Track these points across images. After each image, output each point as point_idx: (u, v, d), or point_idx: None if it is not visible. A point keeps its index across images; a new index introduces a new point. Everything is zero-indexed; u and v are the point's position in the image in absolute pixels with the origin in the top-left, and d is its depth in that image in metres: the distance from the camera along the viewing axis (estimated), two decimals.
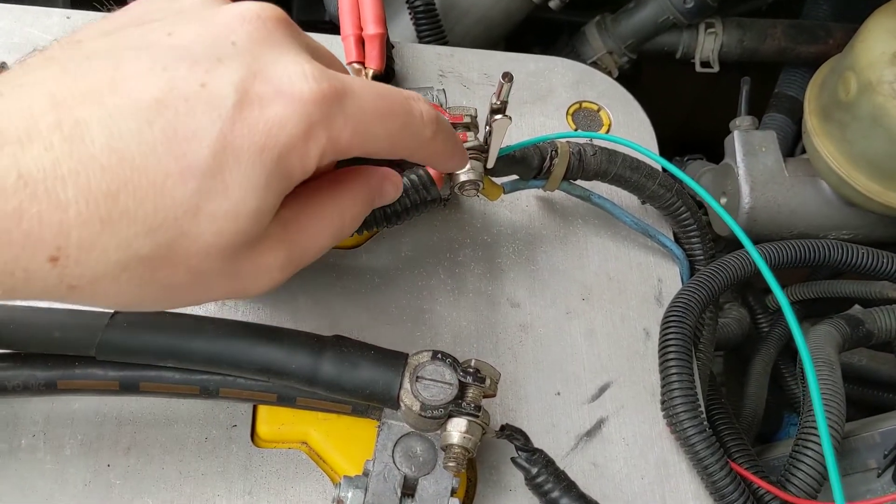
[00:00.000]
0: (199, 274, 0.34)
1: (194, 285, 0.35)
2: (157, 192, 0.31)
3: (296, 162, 0.34)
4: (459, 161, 0.44)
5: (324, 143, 0.35)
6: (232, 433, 0.46)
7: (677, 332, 0.50)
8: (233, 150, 0.32)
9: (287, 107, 0.33)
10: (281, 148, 0.33)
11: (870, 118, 0.63)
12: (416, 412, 0.40)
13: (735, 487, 0.47)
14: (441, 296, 0.52)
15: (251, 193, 0.33)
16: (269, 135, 0.33)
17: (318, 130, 0.34)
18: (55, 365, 0.42)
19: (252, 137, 0.33)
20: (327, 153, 0.35)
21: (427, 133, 0.39)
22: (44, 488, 0.43)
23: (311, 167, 0.35)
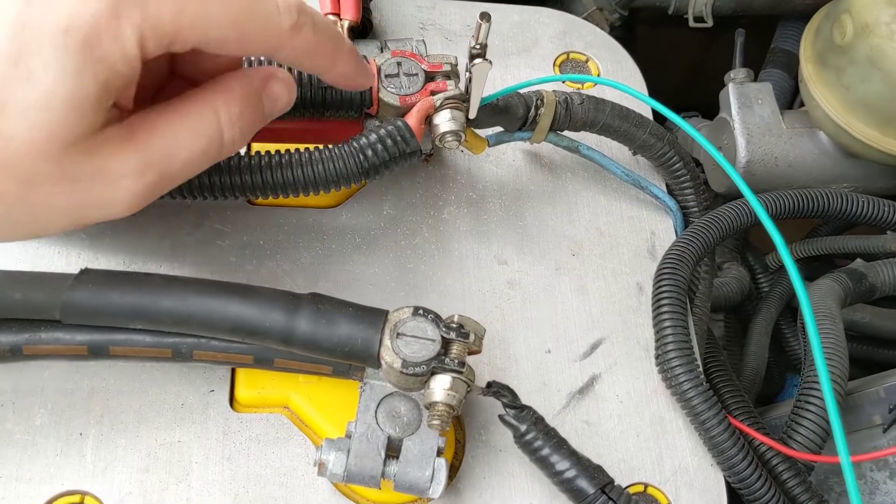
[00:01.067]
0: (29, 182, 0.32)
1: (29, 197, 0.32)
2: None
3: (110, 44, 0.31)
4: (345, 67, 0.40)
5: (139, 21, 0.32)
6: (209, 398, 0.44)
7: (671, 284, 0.48)
8: (33, 33, 0.30)
9: None
10: (87, 28, 0.31)
11: (867, 61, 0.61)
12: (398, 370, 0.38)
13: (734, 443, 0.45)
14: (425, 254, 0.50)
15: (61, 79, 0.31)
16: (71, 14, 0.30)
17: (129, 7, 0.31)
18: (20, 329, 0.40)
19: (52, 18, 0.30)
20: (149, 35, 0.32)
21: (284, 22, 0.36)
22: (13, 458, 0.41)
23: (133, 51, 0.32)
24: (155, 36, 0.32)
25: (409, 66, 0.47)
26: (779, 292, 0.78)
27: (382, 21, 0.58)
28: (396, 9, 0.60)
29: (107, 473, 0.41)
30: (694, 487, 0.46)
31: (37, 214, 0.34)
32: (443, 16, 0.60)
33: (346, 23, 0.52)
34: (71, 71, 0.31)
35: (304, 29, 0.36)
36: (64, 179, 0.33)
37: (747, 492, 0.45)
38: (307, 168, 0.44)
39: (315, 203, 0.50)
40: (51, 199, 0.33)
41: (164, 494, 0.41)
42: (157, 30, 0.32)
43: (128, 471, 0.42)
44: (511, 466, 0.45)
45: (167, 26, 0.32)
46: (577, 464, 0.41)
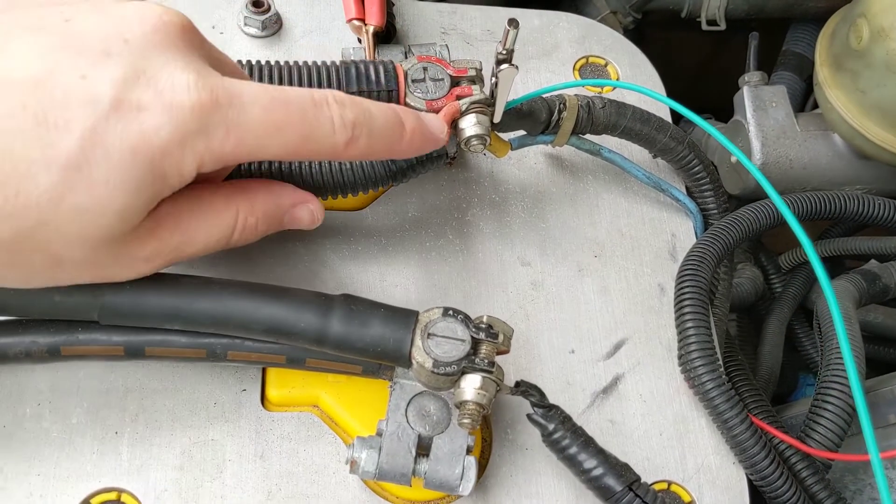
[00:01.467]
0: (60, 261, 0.34)
1: (55, 269, 0.35)
2: (20, 178, 0.31)
3: (171, 168, 0.34)
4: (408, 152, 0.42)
5: (201, 152, 0.34)
6: (241, 397, 0.45)
7: (693, 285, 0.49)
8: (103, 147, 0.32)
9: (163, 113, 0.33)
10: (154, 153, 0.33)
11: (883, 65, 0.61)
12: (429, 369, 0.39)
13: (756, 441, 0.46)
14: (450, 256, 0.51)
15: (119, 192, 0.33)
16: (143, 138, 0.33)
17: (195, 140, 0.34)
18: (58, 331, 0.41)
19: (124, 137, 0.32)
20: (207, 162, 0.35)
21: (339, 140, 0.38)
22: (51, 457, 0.42)
23: (190, 174, 0.35)
24: (212, 163, 0.35)
25: (434, 71, 0.47)
26: (792, 293, 0.78)
27: (405, 26, 0.59)
28: (418, 14, 0.60)
29: (143, 471, 0.42)
30: (717, 485, 0.46)
31: (54, 280, 0.36)
32: (464, 20, 0.61)
33: (372, 28, 0.53)
34: (129, 187, 0.33)
35: (358, 141, 0.38)
36: (90, 264, 0.35)
37: (769, 489, 0.46)
38: (338, 172, 0.44)
39: (341, 206, 0.51)
40: (71, 275, 0.36)
41: (199, 492, 0.42)
42: (215, 158, 0.35)
43: (163, 468, 0.42)
44: (537, 465, 0.45)
45: (227, 157, 0.35)
46: (604, 462, 0.42)
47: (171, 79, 0.34)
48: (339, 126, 0.37)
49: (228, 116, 0.34)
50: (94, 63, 0.33)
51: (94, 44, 0.33)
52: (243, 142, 0.35)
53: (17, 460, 0.41)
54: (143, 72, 0.33)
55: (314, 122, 0.37)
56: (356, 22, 0.53)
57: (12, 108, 0.31)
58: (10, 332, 0.40)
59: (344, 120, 0.38)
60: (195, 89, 0.34)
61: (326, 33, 0.59)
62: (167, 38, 0.35)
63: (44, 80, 0.32)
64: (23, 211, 0.31)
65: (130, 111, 0.32)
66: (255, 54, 0.55)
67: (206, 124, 0.34)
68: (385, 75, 0.46)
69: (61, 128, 0.31)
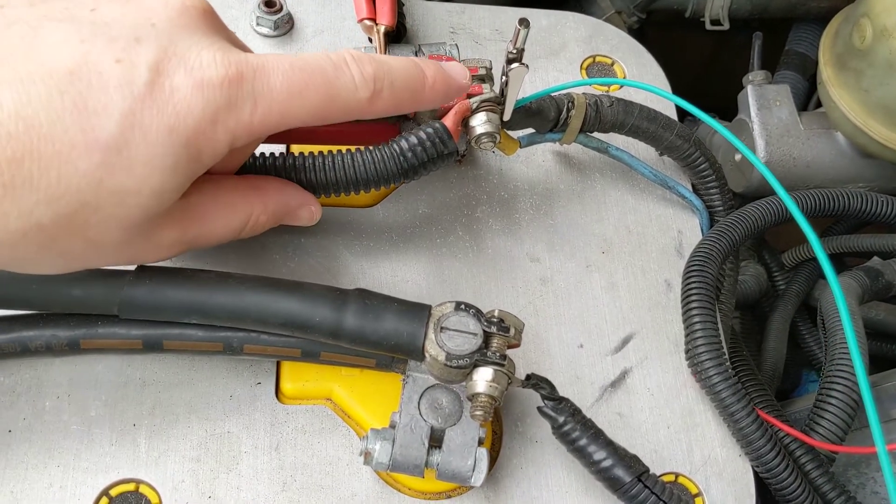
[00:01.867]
0: (96, 244, 0.35)
1: (90, 253, 0.36)
2: (61, 162, 0.32)
3: (205, 145, 0.35)
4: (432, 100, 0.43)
5: (232, 126, 0.35)
6: (256, 391, 0.46)
7: (699, 281, 0.49)
8: (140, 128, 0.33)
9: (195, 92, 0.34)
10: (189, 131, 0.34)
11: (886, 64, 0.62)
12: (442, 362, 0.40)
13: (762, 434, 0.47)
14: (460, 252, 0.52)
15: (156, 172, 0.34)
16: (178, 117, 0.34)
17: (226, 114, 0.35)
18: (77, 324, 0.42)
19: (161, 117, 0.33)
20: (239, 136, 0.36)
21: (363, 95, 0.39)
22: (70, 449, 0.43)
23: (222, 150, 0.36)
24: (244, 136, 0.36)
25: None
26: (795, 290, 0.79)
27: (414, 25, 0.60)
28: (427, 13, 0.61)
29: (160, 462, 0.43)
30: (723, 477, 0.47)
31: (85, 264, 0.37)
32: (472, 20, 0.62)
33: (382, 28, 0.54)
34: (166, 166, 0.34)
35: (382, 94, 0.39)
36: (123, 244, 0.36)
37: (775, 481, 0.47)
38: (350, 169, 0.45)
39: (353, 203, 0.52)
40: (105, 257, 0.37)
41: (216, 483, 0.43)
42: (246, 131, 0.36)
43: (180, 460, 0.43)
44: (547, 457, 0.46)
45: (256, 127, 0.36)
46: (613, 453, 0.43)
47: (199, 58, 0.35)
48: (360, 82, 0.38)
49: (255, 88, 0.36)
50: (125, 48, 0.34)
51: (123, 30, 0.34)
52: (270, 110, 0.36)
53: (38, 452, 0.42)
54: (173, 54, 0.34)
55: (335, 81, 0.38)
56: (367, 22, 0.54)
57: (50, 95, 0.32)
58: (31, 326, 0.41)
59: (364, 75, 0.39)
60: (222, 65, 0.35)
61: (338, 33, 0.60)
62: (191, 21, 0.37)
63: (79, 67, 0.33)
64: (64, 195, 0.32)
65: (164, 92, 0.34)
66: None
67: (234, 98, 0.35)
68: None
69: (100, 112, 0.32)
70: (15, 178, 0.31)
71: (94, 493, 0.42)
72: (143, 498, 0.42)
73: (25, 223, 0.32)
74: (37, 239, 0.33)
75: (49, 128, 0.32)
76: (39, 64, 0.32)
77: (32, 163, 0.31)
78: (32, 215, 0.32)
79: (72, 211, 0.33)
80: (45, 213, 0.32)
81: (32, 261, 0.35)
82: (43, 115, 0.32)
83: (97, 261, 0.37)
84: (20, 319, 0.42)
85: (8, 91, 0.31)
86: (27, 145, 0.31)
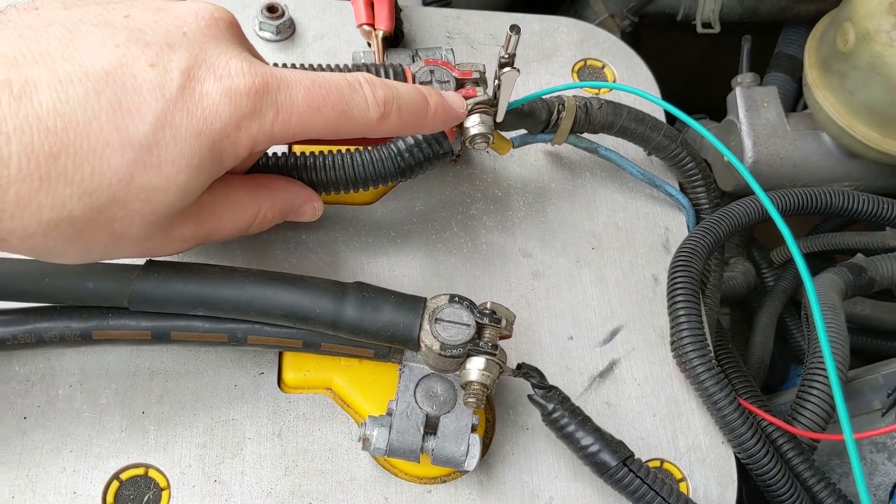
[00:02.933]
0: (120, 237, 0.37)
1: (112, 245, 0.38)
2: (95, 158, 0.34)
3: (228, 148, 0.37)
4: (433, 127, 0.46)
5: (255, 132, 0.38)
6: (259, 380, 0.48)
7: (685, 275, 0.51)
8: (171, 129, 0.35)
9: (223, 98, 0.36)
10: (216, 134, 0.36)
11: (868, 67, 0.64)
12: (436, 352, 0.42)
13: (744, 421, 0.48)
14: (455, 247, 0.54)
15: (183, 172, 0.36)
16: (206, 121, 0.36)
17: (249, 121, 0.37)
18: (90, 316, 0.44)
19: (191, 121, 0.36)
20: (259, 142, 0.38)
21: (373, 116, 0.41)
22: (82, 435, 0.45)
23: (243, 154, 0.38)
24: (264, 142, 0.39)
25: (441, 74, 0.50)
26: (783, 286, 0.81)
27: (412, 30, 0.62)
28: (424, 18, 0.63)
29: (168, 448, 0.45)
30: (706, 463, 0.49)
31: (105, 256, 0.39)
32: (468, 25, 0.64)
33: (381, 33, 0.56)
34: (192, 166, 0.36)
35: (390, 117, 0.42)
36: (143, 238, 0.38)
37: (756, 467, 0.49)
38: (350, 168, 0.47)
39: (352, 200, 0.54)
40: (125, 250, 0.39)
41: (221, 467, 0.45)
42: (267, 137, 0.38)
43: (187, 446, 0.45)
44: (538, 443, 0.48)
45: (276, 135, 0.39)
46: (600, 439, 0.45)
47: (228, 67, 0.37)
48: (372, 103, 0.41)
49: (278, 99, 0.38)
50: (159, 54, 0.36)
51: (157, 36, 0.37)
52: (290, 121, 0.39)
53: (52, 438, 0.44)
54: (203, 61, 0.37)
55: (350, 101, 0.40)
56: (366, 27, 0.56)
57: (87, 95, 0.34)
58: (45, 318, 0.43)
59: (376, 97, 0.41)
60: (249, 75, 0.37)
61: (338, 37, 0.62)
62: (220, 31, 0.39)
63: (115, 70, 0.35)
64: (97, 189, 0.34)
65: (194, 97, 0.36)
66: (270, 58, 0.58)
67: (259, 107, 0.37)
68: (394, 78, 0.49)
69: (134, 112, 0.34)
70: (51, 171, 0.33)
71: (106, 477, 0.44)
72: (153, 482, 0.44)
73: (58, 215, 0.34)
74: (67, 230, 0.35)
75: (85, 125, 0.34)
76: (77, 65, 0.34)
77: (68, 158, 0.33)
78: (65, 207, 0.34)
79: (102, 205, 0.35)
80: (77, 205, 0.34)
81: (59, 250, 0.36)
82: (80, 113, 0.33)
83: (117, 253, 0.39)
84: (35, 311, 0.44)
85: (47, 89, 0.33)
86: (64, 141, 0.33)
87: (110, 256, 0.39)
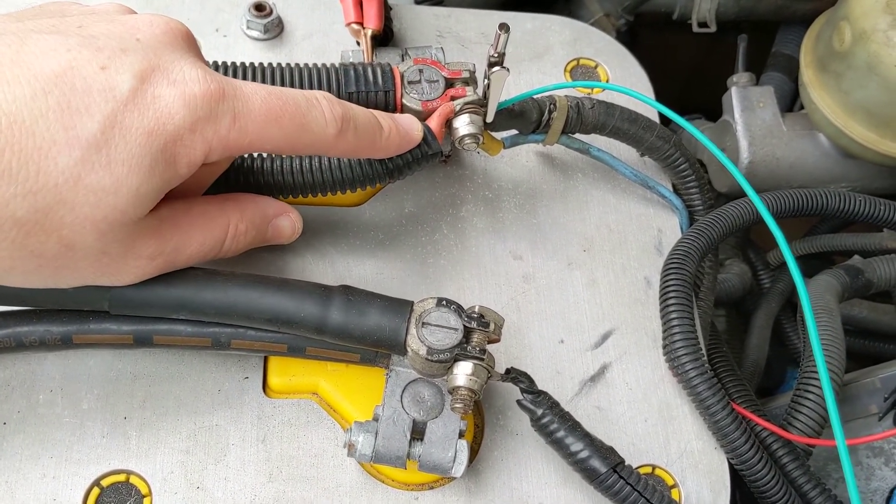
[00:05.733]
0: (70, 247, 0.36)
1: (63, 259, 0.36)
2: (41, 156, 0.33)
3: (182, 152, 0.36)
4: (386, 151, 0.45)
5: (210, 138, 0.37)
6: (244, 385, 0.47)
7: (677, 278, 0.51)
8: (121, 129, 0.35)
9: (178, 99, 0.36)
10: (168, 136, 0.36)
11: (865, 67, 0.63)
12: (423, 357, 0.41)
13: (737, 427, 0.48)
14: (444, 250, 0.53)
15: (134, 172, 0.35)
16: (158, 121, 0.35)
17: (205, 125, 0.37)
18: (70, 320, 0.43)
19: (142, 121, 0.35)
20: (215, 149, 0.38)
21: (331, 132, 0.41)
22: (63, 440, 0.44)
23: (198, 160, 0.37)
24: (219, 149, 0.38)
25: (430, 73, 0.49)
26: (779, 288, 0.80)
27: (402, 29, 0.61)
28: (415, 17, 0.62)
29: (150, 454, 0.44)
30: (699, 469, 0.48)
31: (61, 274, 0.38)
32: (458, 24, 0.63)
33: (370, 31, 0.55)
34: (143, 168, 0.35)
35: (346, 134, 0.41)
36: (97, 252, 0.37)
37: (749, 473, 0.48)
38: (336, 169, 0.46)
39: (340, 202, 0.53)
40: (79, 264, 0.37)
41: (204, 474, 0.44)
42: (222, 145, 0.38)
43: (170, 452, 0.44)
44: (527, 449, 0.47)
45: (232, 144, 0.38)
46: (590, 445, 0.44)
47: (183, 72, 0.37)
48: (329, 118, 0.41)
49: (234, 105, 0.37)
50: (111, 57, 0.35)
51: (110, 42, 0.36)
52: (246, 129, 0.38)
53: (32, 443, 0.44)
54: (157, 66, 0.36)
55: (307, 114, 0.40)
56: (355, 25, 0.55)
57: (35, 95, 0.33)
58: (25, 322, 0.43)
59: (334, 114, 0.41)
60: (205, 81, 0.37)
61: (326, 36, 0.61)
62: (175, 40, 0.39)
63: (65, 72, 0.34)
64: (42, 189, 0.33)
65: (147, 98, 0.35)
66: (258, 57, 0.57)
67: (214, 112, 0.37)
68: (382, 77, 0.48)
69: (83, 112, 0.34)
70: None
71: (86, 484, 0.43)
72: (134, 488, 0.43)
73: (1, 214, 0.33)
74: (11, 234, 0.34)
75: (31, 123, 0.33)
76: (26, 68, 0.34)
77: (13, 155, 0.33)
78: (8, 207, 0.33)
79: (48, 206, 0.34)
80: (21, 205, 0.33)
81: (4, 260, 0.35)
82: (26, 111, 0.33)
83: (72, 268, 0.37)
84: (14, 315, 0.43)
85: None
86: (8, 138, 0.33)
87: (65, 274, 0.37)
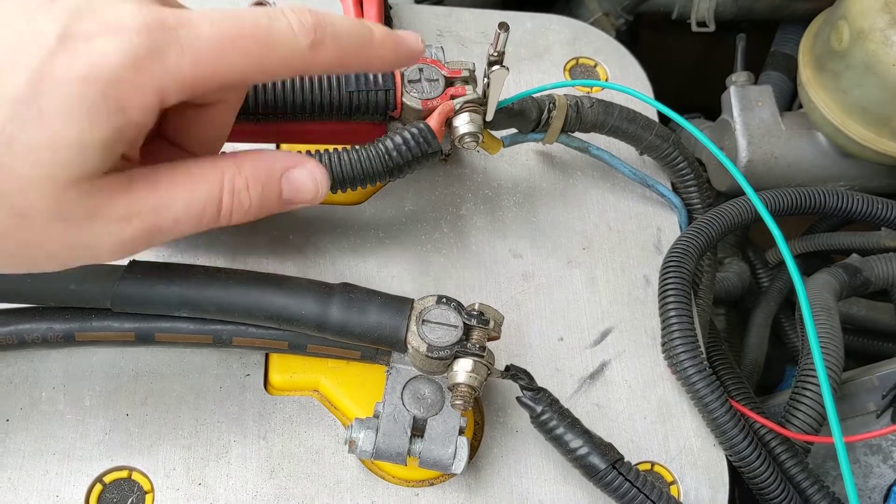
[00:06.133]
0: (23, 215, 0.33)
1: (21, 232, 0.33)
2: None
3: (127, 95, 0.33)
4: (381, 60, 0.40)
5: (159, 75, 0.33)
6: (245, 382, 0.47)
7: (676, 276, 0.51)
8: (52, 80, 0.32)
9: (110, 39, 0.32)
10: (105, 80, 0.32)
11: (863, 66, 0.63)
12: (423, 354, 0.41)
13: (735, 424, 0.48)
14: (444, 248, 0.54)
15: (72, 124, 0.32)
16: (92, 66, 0.32)
17: (149, 62, 0.33)
18: (72, 317, 0.43)
19: (73, 68, 0.32)
20: (169, 87, 0.34)
21: (303, 42, 0.36)
22: (65, 437, 0.44)
23: (151, 102, 0.34)
24: (175, 87, 0.34)
25: (430, 72, 0.50)
26: (778, 287, 0.81)
27: (402, 28, 0.61)
28: (415, 16, 0.63)
29: (152, 451, 0.44)
30: (697, 466, 0.49)
31: (27, 250, 0.35)
32: (458, 23, 0.63)
33: None
34: (81, 116, 0.32)
35: (324, 45, 0.36)
36: (56, 218, 0.33)
37: (747, 469, 0.48)
38: (337, 167, 0.47)
39: (341, 200, 0.54)
40: (41, 235, 0.34)
41: (206, 470, 0.44)
42: (176, 82, 0.34)
43: (171, 448, 0.45)
44: (527, 446, 0.48)
45: (187, 78, 0.34)
46: (589, 441, 0.44)
47: (115, 10, 0.33)
48: (298, 28, 0.36)
49: (179, 35, 0.34)
50: (38, 7, 0.33)
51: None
52: (200, 59, 0.34)
53: (35, 440, 0.44)
54: (87, 9, 0.33)
55: (270, 28, 0.35)
56: None
57: None
58: (27, 319, 0.43)
59: (303, 22, 0.36)
60: (140, 14, 0.33)
61: None
62: None
63: None
64: None
65: (76, 42, 0.32)
66: None
67: (156, 45, 0.33)
68: (382, 75, 0.48)
69: (8, 69, 0.31)
70: None
71: (89, 480, 0.43)
72: (136, 485, 0.44)
73: None
74: None
75: None
76: None
77: None
78: None
79: None
80: None
81: None
82: None
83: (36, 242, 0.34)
84: (17, 312, 0.43)
85: None
86: None
87: (33, 251, 0.35)
